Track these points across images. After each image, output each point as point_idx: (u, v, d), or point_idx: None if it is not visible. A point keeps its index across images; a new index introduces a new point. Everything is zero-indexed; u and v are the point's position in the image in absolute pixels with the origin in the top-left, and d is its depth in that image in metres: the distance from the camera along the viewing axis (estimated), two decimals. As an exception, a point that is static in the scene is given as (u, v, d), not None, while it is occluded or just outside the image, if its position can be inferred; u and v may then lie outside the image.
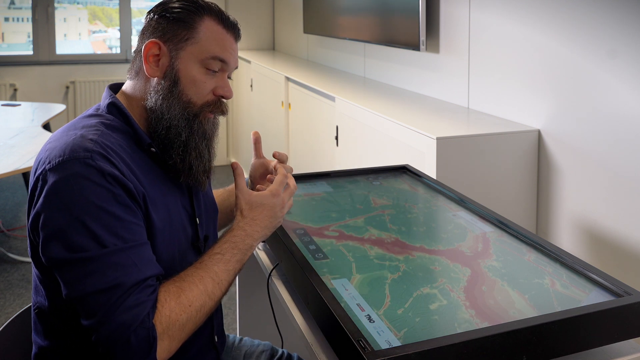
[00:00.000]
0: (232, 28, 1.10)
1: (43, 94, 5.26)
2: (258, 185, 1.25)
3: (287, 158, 1.29)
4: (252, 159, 1.36)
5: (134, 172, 0.99)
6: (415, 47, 2.60)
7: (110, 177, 0.92)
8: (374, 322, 0.95)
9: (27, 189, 1.01)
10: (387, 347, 0.87)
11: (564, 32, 1.93)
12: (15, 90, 5.23)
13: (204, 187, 1.13)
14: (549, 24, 1.99)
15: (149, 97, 1.07)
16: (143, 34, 1.09)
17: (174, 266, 1.03)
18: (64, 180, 0.90)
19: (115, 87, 1.15)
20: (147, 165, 1.04)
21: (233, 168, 1.15)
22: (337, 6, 3.56)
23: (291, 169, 1.27)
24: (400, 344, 0.87)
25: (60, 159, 0.92)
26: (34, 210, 0.93)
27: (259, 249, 1.42)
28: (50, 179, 0.91)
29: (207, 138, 1.09)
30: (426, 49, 2.63)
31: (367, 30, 3.12)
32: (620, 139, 1.73)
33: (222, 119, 1.21)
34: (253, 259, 1.46)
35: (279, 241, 1.24)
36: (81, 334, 0.97)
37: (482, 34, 2.34)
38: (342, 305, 0.97)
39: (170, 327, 0.90)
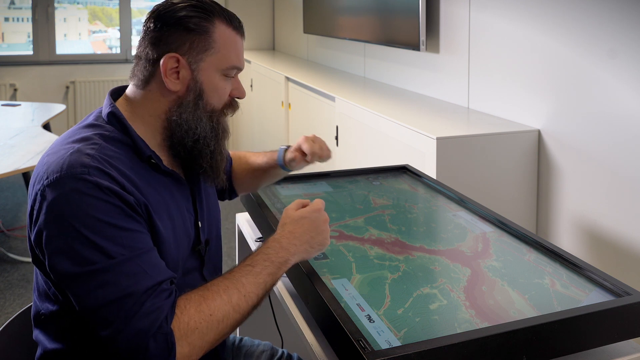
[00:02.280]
0: (240, 29, 1.12)
1: (43, 94, 5.26)
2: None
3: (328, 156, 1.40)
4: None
5: (135, 184, 0.97)
6: (415, 47, 2.60)
7: (108, 191, 0.91)
8: (374, 322, 0.95)
9: (27, 193, 1.01)
10: (387, 347, 0.87)
11: (564, 32, 1.93)
12: (15, 90, 5.23)
13: (224, 183, 1.17)
14: (549, 24, 1.99)
15: (172, 111, 1.06)
16: (151, 42, 1.05)
17: (176, 272, 1.03)
18: (63, 197, 0.89)
19: (117, 92, 1.12)
20: (149, 175, 1.03)
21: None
22: (337, 6, 3.56)
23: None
24: (400, 344, 0.88)
25: (58, 175, 0.91)
26: (36, 227, 0.92)
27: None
28: (49, 196, 0.90)
29: (226, 136, 1.13)
30: (426, 49, 2.63)
31: (367, 30, 3.12)
32: (620, 139, 1.73)
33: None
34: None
35: (279, 241, 1.24)
36: (94, 338, 0.97)
37: (482, 34, 2.34)
38: (342, 305, 0.98)
39: (189, 334, 0.88)
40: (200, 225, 1.13)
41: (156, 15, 1.06)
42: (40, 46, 5.35)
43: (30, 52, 5.38)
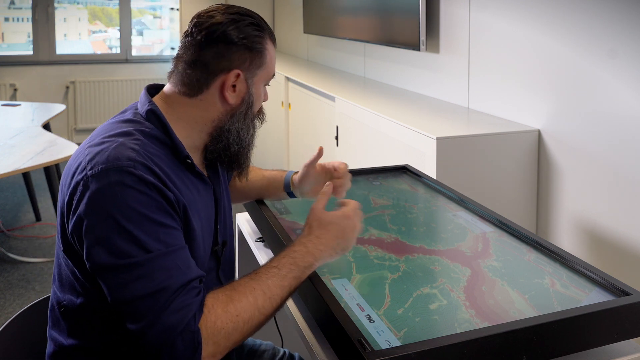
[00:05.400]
0: (275, 42, 1.20)
1: (43, 94, 5.26)
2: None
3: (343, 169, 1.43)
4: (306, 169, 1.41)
5: (174, 182, 0.99)
6: (415, 47, 2.60)
7: (152, 186, 0.93)
8: (374, 322, 0.95)
9: (60, 183, 1.01)
10: (387, 347, 0.87)
11: (564, 32, 1.93)
12: (15, 90, 5.24)
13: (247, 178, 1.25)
14: (549, 24, 1.99)
15: (222, 120, 1.11)
16: (212, 56, 1.07)
17: (202, 271, 1.04)
18: (107, 188, 0.91)
19: (153, 89, 1.14)
20: (183, 175, 1.05)
21: (324, 186, 1.17)
22: (337, 6, 3.56)
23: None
24: (400, 344, 0.88)
25: (103, 166, 0.93)
26: (76, 215, 0.93)
27: (258, 249, 1.42)
28: (93, 186, 0.92)
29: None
30: (426, 49, 2.64)
31: (367, 30, 3.12)
32: (620, 139, 1.73)
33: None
34: (253, 259, 1.46)
35: (279, 241, 1.24)
36: (112, 333, 0.97)
37: (482, 34, 2.34)
38: (342, 305, 0.98)
39: (215, 333, 0.89)
40: (218, 227, 1.15)
41: (216, 29, 1.07)
42: (40, 46, 5.35)
43: (30, 52, 5.38)
